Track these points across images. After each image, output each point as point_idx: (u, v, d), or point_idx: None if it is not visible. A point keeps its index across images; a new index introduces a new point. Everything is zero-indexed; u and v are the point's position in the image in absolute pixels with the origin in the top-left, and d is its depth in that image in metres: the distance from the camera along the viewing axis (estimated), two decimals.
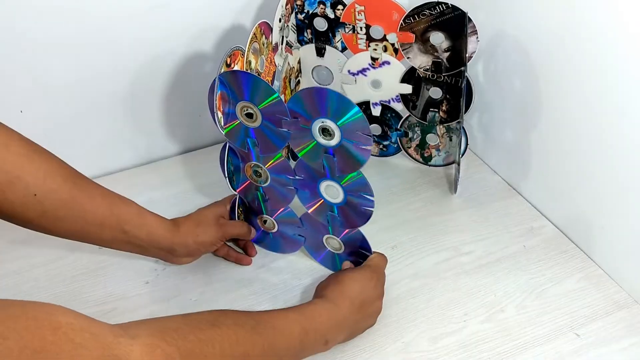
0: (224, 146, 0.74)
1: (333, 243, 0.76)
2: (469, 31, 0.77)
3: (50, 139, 0.92)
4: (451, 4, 0.76)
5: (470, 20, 0.76)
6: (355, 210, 0.69)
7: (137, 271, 0.80)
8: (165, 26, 0.89)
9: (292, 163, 0.71)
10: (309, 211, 0.73)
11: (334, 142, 0.63)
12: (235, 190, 0.77)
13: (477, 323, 0.72)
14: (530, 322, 0.71)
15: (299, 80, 0.94)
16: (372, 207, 0.67)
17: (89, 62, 0.87)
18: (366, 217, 0.69)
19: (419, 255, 0.80)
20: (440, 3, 0.76)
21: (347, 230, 0.73)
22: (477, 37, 0.77)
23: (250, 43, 0.72)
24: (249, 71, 0.70)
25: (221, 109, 0.70)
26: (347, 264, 0.76)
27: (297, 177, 0.71)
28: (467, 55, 0.78)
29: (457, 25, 0.77)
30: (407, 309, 0.73)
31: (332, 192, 0.69)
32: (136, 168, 0.99)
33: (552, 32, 0.75)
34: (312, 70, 0.93)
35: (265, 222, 0.80)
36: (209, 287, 0.77)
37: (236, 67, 0.70)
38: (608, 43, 0.68)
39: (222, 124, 0.70)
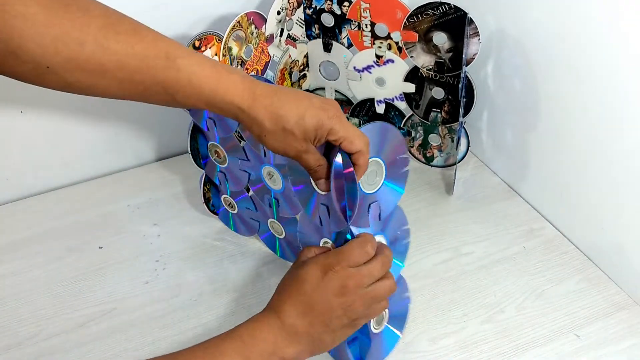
0: (190, 123, 0.77)
1: (276, 228, 0.77)
2: (470, 33, 0.77)
3: (50, 139, 0.93)
4: (454, 5, 0.76)
5: (472, 21, 0.76)
6: (290, 199, 0.71)
7: (137, 271, 0.80)
8: (166, 26, 0.88)
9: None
10: (253, 191, 0.76)
11: None
12: (202, 168, 0.81)
13: (477, 324, 0.72)
14: (530, 322, 0.71)
15: (304, 74, 0.95)
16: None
17: None
18: (299, 208, 0.71)
19: (419, 256, 0.80)
20: (443, 3, 0.77)
21: (289, 219, 0.74)
22: (479, 39, 0.77)
23: (231, 30, 0.74)
24: (228, 57, 0.76)
25: None
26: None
27: (247, 160, 0.73)
28: (468, 56, 0.78)
29: (460, 26, 0.77)
30: None
31: (273, 179, 0.71)
32: (137, 168, 0.99)
33: (554, 34, 0.75)
34: (320, 65, 0.94)
35: (229, 203, 0.81)
36: (208, 287, 0.77)
37: (208, 51, 0.73)
38: (609, 45, 0.68)
39: None
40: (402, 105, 0.91)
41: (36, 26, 0.48)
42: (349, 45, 0.89)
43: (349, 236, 0.60)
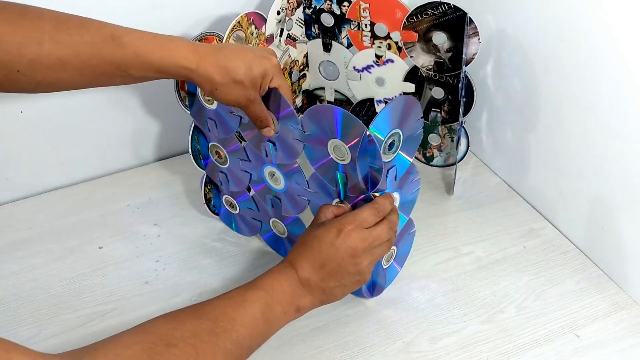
0: (191, 124, 0.78)
1: (278, 227, 0.78)
2: (470, 32, 0.77)
3: (50, 139, 0.93)
4: (453, 5, 0.76)
5: (471, 21, 0.76)
6: (293, 198, 0.71)
7: (137, 271, 0.80)
8: (166, 27, 0.88)
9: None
10: (255, 191, 0.77)
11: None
12: (203, 169, 0.81)
13: (477, 323, 0.72)
14: (530, 322, 0.71)
15: (304, 74, 0.95)
16: (307, 197, 0.70)
17: None
18: (301, 206, 0.72)
19: (419, 256, 0.80)
20: (443, 3, 0.77)
21: (292, 218, 0.75)
22: (479, 39, 0.77)
23: (231, 30, 0.75)
24: None
25: (185, 89, 0.74)
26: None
27: (248, 160, 0.74)
28: (468, 56, 0.78)
29: (459, 26, 0.77)
30: (407, 309, 0.73)
31: (275, 178, 0.72)
32: (136, 168, 0.99)
33: (554, 34, 0.75)
34: (319, 65, 0.94)
35: (230, 204, 0.81)
36: (208, 287, 0.77)
37: None
38: (609, 45, 0.68)
39: (187, 102, 0.75)
40: None
41: (2, 36, 0.55)
42: (349, 45, 0.89)
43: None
